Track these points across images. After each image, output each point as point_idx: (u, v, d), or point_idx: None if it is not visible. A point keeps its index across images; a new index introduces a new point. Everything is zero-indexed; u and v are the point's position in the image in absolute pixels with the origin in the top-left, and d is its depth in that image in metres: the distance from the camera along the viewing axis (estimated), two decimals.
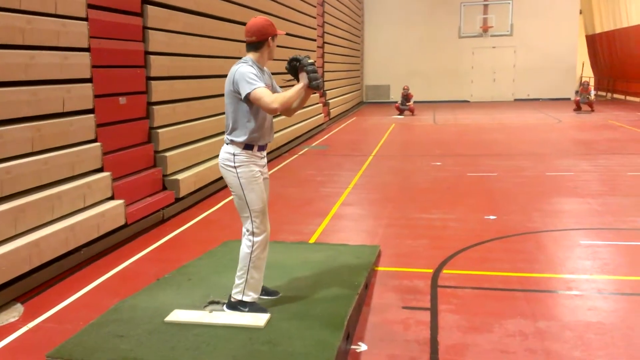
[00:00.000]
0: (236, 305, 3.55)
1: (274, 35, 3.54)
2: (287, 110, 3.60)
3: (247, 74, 3.35)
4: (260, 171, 3.56)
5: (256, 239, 3.50)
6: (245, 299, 3.53)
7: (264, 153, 3.63)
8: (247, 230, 3.52)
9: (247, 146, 3.47)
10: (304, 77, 3.52)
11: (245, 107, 3.42)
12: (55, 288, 4.56)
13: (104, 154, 5.65)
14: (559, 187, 7.75)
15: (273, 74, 3.86)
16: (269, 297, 3.83)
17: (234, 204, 3.59)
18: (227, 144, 3.50)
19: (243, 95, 3.35)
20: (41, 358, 3.18)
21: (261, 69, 3.56)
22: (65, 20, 5.15)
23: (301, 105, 3.79)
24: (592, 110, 18.27)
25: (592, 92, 18.77)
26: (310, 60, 3.54)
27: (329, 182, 8.55)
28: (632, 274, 4.56)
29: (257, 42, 3.49)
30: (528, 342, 3.45)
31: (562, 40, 24.41)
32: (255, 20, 3.53)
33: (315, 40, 15.38)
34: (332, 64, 18.42)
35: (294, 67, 3.59)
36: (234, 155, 3.46)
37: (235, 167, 3.46)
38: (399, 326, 3.71)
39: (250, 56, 3.52)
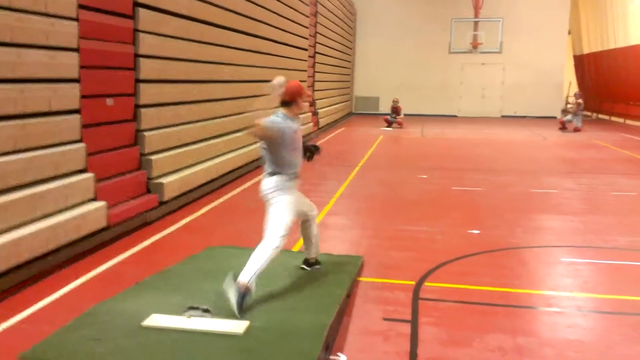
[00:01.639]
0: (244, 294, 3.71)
1: (302, 96, 4.29)
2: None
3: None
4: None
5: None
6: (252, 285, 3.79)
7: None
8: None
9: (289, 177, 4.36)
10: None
11: None
12: (33, 288, 4.48)
13: (89, 154, 5.60)
14: (543, 204, 7.82)
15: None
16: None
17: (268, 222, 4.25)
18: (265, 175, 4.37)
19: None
20: (14, 359, 3.13)
21: (290, 118, 4.23)
22: (55, 19, 5.12)
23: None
24: (579, 131, 18.44)
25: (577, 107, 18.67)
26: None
27: (314, 191, 8.54)
28: (611, 293, 4.60)
29: (289, 102, 4.22)
30: (507, 357, 3.45)
31: (550, 60, 24.76)
32: (291, 84, 4.25)
33: (306, 50, 15.44)
34: (323, 74, 18.49)
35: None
36: None
37: None
38: (379, 337, 3.70)
39: (282, 111, 4.22)
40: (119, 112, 6.28)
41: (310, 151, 4.70)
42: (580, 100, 18.64)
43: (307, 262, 4.70)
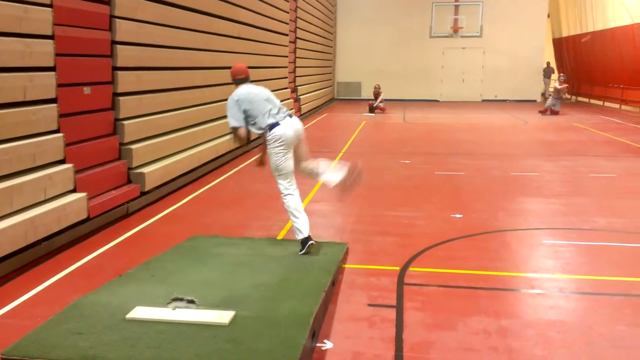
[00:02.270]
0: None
1: None
2: None
3: None
4: None
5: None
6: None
7: None
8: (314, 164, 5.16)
9: None
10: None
11: None
12: (13, 283, 4.41)
13: (67, 145, 5.49)
14: (524, 187, 7.89)
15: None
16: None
17: (305, 149, 5.18)
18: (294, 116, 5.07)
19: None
20: None
21: None
22: (28, 6, 4.98)
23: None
24: (557, 113, 18.61)
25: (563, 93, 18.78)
26: None
27: (297, 178, 8.49)
28: (592, 274, 4.67)
29: (247, 77, 5.15)
30: (491, 339, 3.49)
31: (530, 43, 24.89)
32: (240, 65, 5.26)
33: (287, 35, 15.30)
34: (304, 59, 18.37)
35: None
36: None
37: None
38: (365, 323, 3.71)
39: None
40: (96, 100, 6.16)
41: None
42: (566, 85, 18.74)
43: None
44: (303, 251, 4.72)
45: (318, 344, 3.42)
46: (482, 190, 7.67)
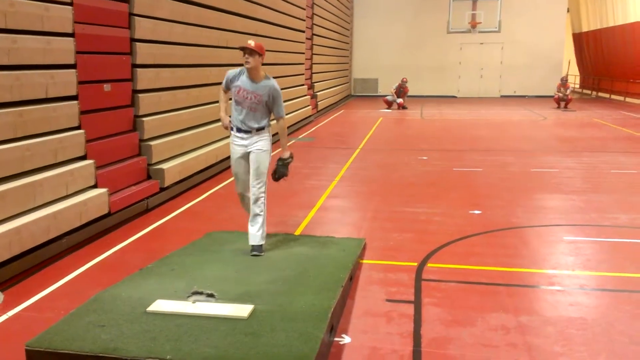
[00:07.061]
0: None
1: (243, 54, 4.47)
2: None
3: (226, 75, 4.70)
4: (237, 146, 4.65)
5: None
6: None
7: (243, 135, 4.61)
8: None
9: (231, 127, 4.71)
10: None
11: None
12: (36, 276, 4.49)
13: (88, 141, 5.57)
14: (543, 184, 7.81)
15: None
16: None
17: None
18: None
19: None
20: (20, 347, 3.13)
21: (244, 75, 4.55)
22: (49, 4, 5.05)
23: None
24: (567, 107, 18.49)
25: (569, 90, 19.03)
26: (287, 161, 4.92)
27: (315, 174, 8.53)
28: (613, 270, 4.61)
29: None
30: (510, 336, 3.47)
31: (549, 38, 24.57)
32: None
33: (304, 32, 15.30)
34: (321, 56, 18.35)
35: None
36: None
37: None
38: (383, 319, 3.71)
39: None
40: (116, 97, 6.23)
41: (276, 172, 4.95)
42: (569, 87, 19.13)
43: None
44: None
45: (336, 339, 3.43)
46: (501, 187, 7.61)
